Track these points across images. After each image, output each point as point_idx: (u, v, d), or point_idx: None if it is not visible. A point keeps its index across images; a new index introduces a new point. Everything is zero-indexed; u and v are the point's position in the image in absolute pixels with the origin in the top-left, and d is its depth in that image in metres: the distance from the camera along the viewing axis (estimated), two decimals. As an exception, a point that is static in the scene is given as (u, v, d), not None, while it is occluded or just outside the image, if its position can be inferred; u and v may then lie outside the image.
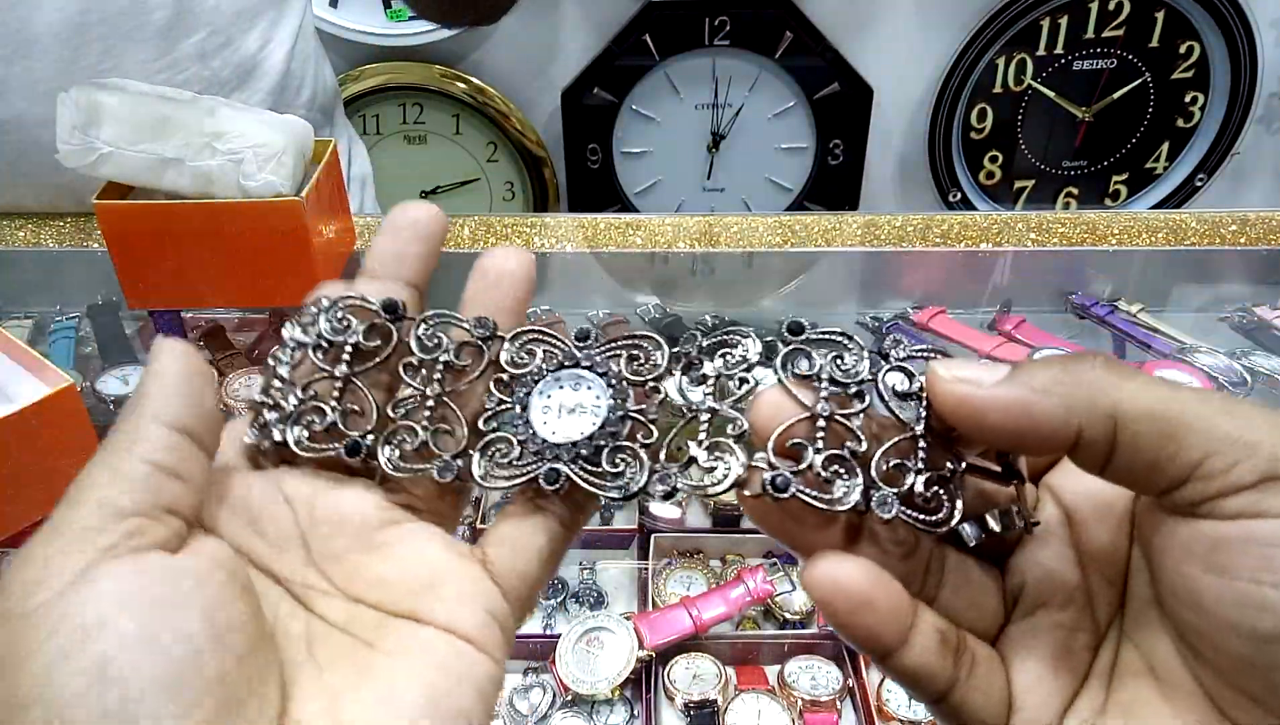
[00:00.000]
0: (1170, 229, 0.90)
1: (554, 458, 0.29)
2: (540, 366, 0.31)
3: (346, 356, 0.31)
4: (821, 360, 0.29)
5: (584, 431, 0.29)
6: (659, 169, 1.51)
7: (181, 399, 0.27)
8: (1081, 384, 0.24)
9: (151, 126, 0.64)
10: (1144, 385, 0.24)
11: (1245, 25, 1.40)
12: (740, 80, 1.45)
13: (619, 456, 0.29)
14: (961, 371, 0.26)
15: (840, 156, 1.50)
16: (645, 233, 0.92)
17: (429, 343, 0.31)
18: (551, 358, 0.31)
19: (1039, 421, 0.24)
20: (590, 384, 0.30)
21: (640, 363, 0.31)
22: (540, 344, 0.31)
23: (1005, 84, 1.47)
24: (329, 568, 0.29)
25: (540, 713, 0.78)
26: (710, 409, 0.30)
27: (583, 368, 0.30)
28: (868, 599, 0.26)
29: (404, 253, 0.33)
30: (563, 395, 0.30)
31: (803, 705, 0.78)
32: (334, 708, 0.26)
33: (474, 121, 1.49)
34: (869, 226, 0.91)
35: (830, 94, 1.45)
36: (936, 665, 0.27)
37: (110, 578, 0.24)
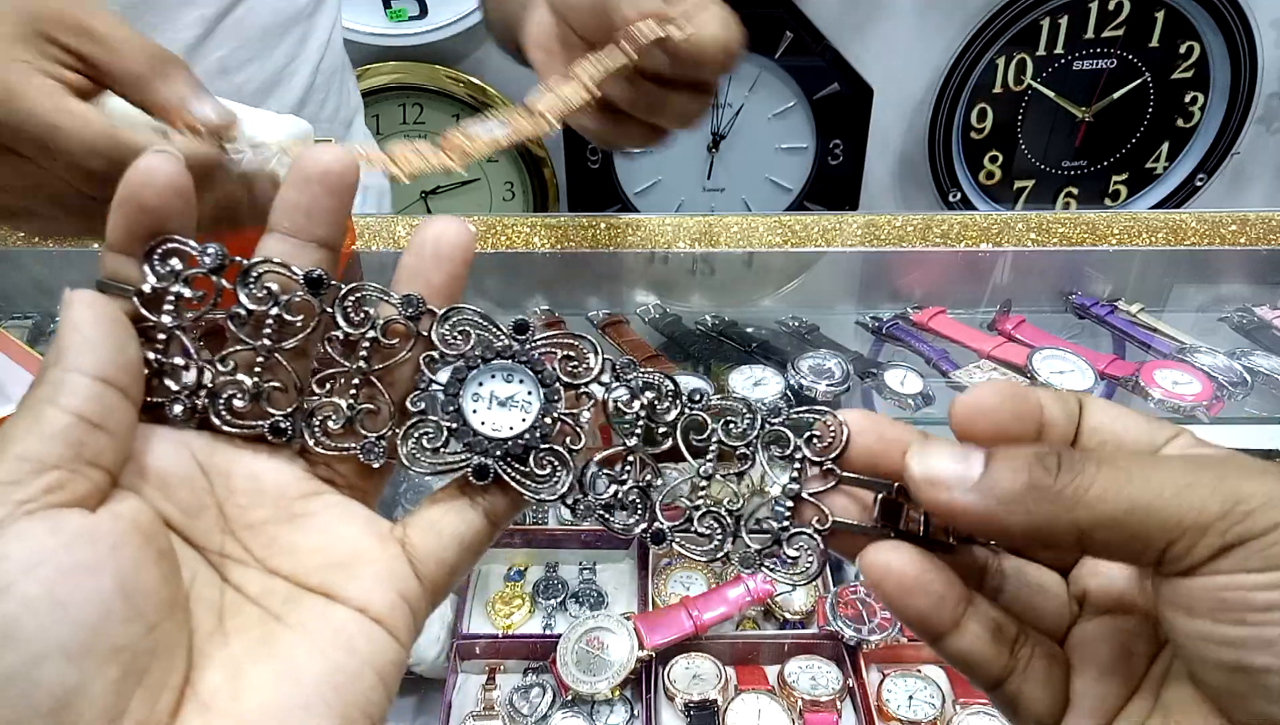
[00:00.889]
0: (1170, 229, 0.90)
1: (483, 452, 0.29)
2: (474, 353, 0.30)
3: (269, 329, 0.29)
4: (714, 425, 0.32)
5: (514, 427, 0.30)
6: (659, 169, 1.51)
7: (102, 349, 0.26)
8: (1043, 500, 0.25)
9: (152, 124, 0.64)
10: (1104, 488, 0.25)
11: (1245, 25, 1.40)
12: (740, 80, 1.45)
13: (547, 458, 0.30)
14: (934, 468, 0.27)
15: (840, 156, 1.50)
16: (645, 233, 0.92)
17: (355, 317, 0.30)
18: (487, 346, 0.30)
19: (1009, 531, 0.26)
20: (523, 378, 0.31)
21: (575, 364, 0.31)
22: (475, 328, 0.30)
23: (1005, 84, 1.47)
24: (246, 537, 0.28)
25: (540, 713, 0.78)
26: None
27: (518, 361, 0.30)
28: (916, 584, 0.28)
29: (313, 207, 0.30)
30: (494, 385, 0.30)
31: (803, 705, 0.78)
32: (235, 680, 0.26)
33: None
34: (869, 226, 0.91)
35: (830, 94, 1.45)
36: (989, 653, 0.29)
37: (21, 538, 0.23)
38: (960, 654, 0.29)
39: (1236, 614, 0.24)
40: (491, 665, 0.82)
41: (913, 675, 0.82)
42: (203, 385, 0.29)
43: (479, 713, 0.78)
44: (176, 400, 0.29)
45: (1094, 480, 0.25)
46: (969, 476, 0.26)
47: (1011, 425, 0.28)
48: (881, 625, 0.80)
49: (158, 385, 0.29)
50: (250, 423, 0.29)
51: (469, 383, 0.30)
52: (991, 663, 0.29)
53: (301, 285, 0.29)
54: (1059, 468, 0.25)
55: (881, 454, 0.30)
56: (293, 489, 0.29)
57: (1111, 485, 0.25)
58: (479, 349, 0.30)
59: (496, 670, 0.82)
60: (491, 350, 0.30)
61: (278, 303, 0.29)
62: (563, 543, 0.92)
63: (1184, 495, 0.24)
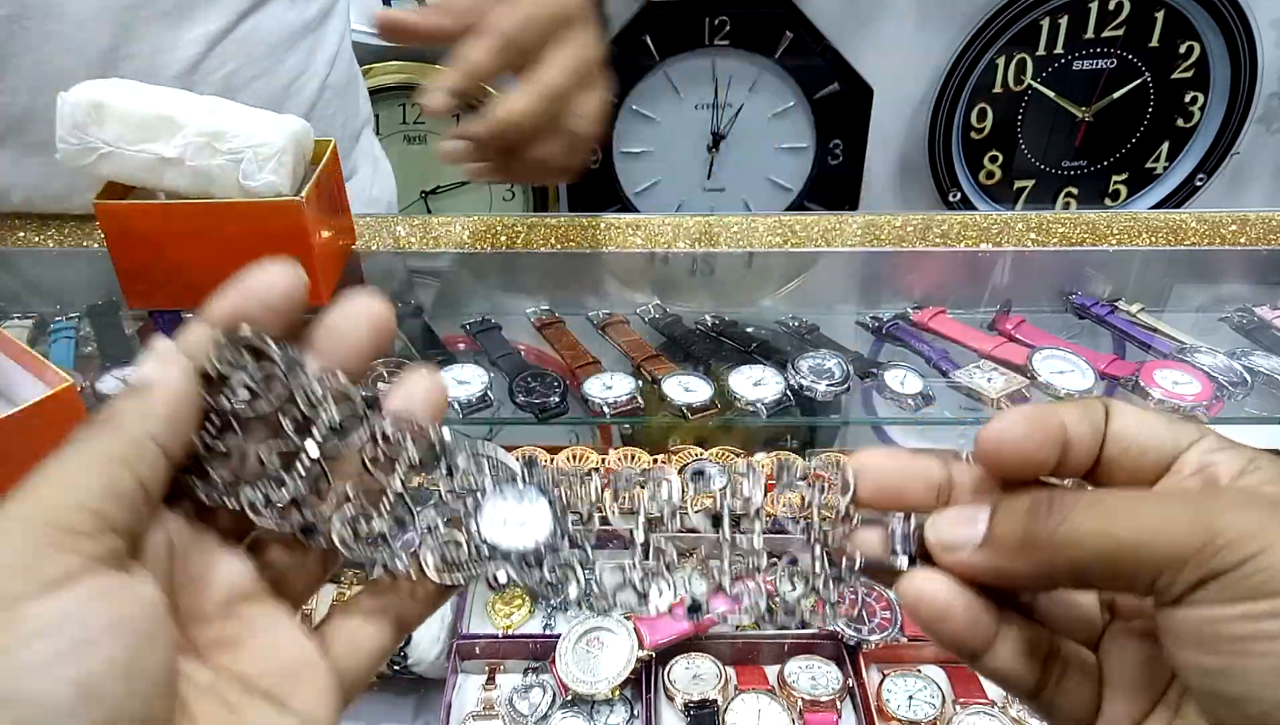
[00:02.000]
0: (1170, 229, 0.90)
1: (502, 559, 0.33)
2: (492, 479, 0.35)
3: (319, 437, 0.31)
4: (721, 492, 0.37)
5: (527, 544, 0.34)
6: (659, 169, 1.51)
7: (174, 420, 0.27)
8: (1040, 547, 0.27)
9: (152, 126, 0.64)
10: (1090, 529, 0.27)
11: (1245, 25, 1.40)
12: (740, 80, 1.45)
13: (559, 569, 0.34)
14: (944, 535, 0.30)
15: (840, 156, 1.50)
16: (645, 233, 0.92)
17: (394, 438, 0.33)
18: (506, 471, 0.35)
19: (1019, 580, 0.29)
20: (533, 500, 0.35)
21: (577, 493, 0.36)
22: (489, 461, 0.35)
23: (1005, 84, 1.47)
24: (193, 628, 0.29)
25: (540, 713, 0.78)
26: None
27: (530, 486, 0.35)
28: (947, 610, 0.30)
29: (352, 350, 0.32)
30: (508, 508, 0.34)
31: (803, 705, 0.78)
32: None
33: (474, 121, 1.49)
34: (869, 226, 0.91)
35: (830, 94, 1.45)
36: (1022, 670, 0.30)
37: (103, 596, 0.24)
38: (995, 671, 0.30)
39: (1213, 645, 0.25)
40: (491, 665, 0.82)
41: (913, 675, 0.82)
42: (243, 475, 0.30)
43: (479, 713, 0.78)
44: (210, 483, 0.30)
45: (1081, 523, 0.27)
46: (975, 537, 0.29)
47: (1036, 453, 0.29)
48: (881, 625, 0.80)
49: (194, 464, 0.30)
50: (283, 520, 0.31)
51: (489, 504, 0.34)
52: (1025, 678, 0.30)
53: (361, 409, 0.32)
54: (1050, 514, 0.27)
55: (903, 488, 0.32)
56: (241, 588, 0.30)
57: (1096, 526, 0.27)
58: (498, 475, 0.34)
59: (496, 670, 0.82)
60: (509, 474, 0.34)
61: (328, 422, 0.31)
62: (563, 543, 0.92)
63: (1162, 531, 0.25)
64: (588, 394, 0.76)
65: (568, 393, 0.77)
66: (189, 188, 0.65)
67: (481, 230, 0.92)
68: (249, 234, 0.66)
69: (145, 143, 0.63)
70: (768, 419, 0.75)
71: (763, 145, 1.50)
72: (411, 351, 0.85)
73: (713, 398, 0.76)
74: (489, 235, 0.92)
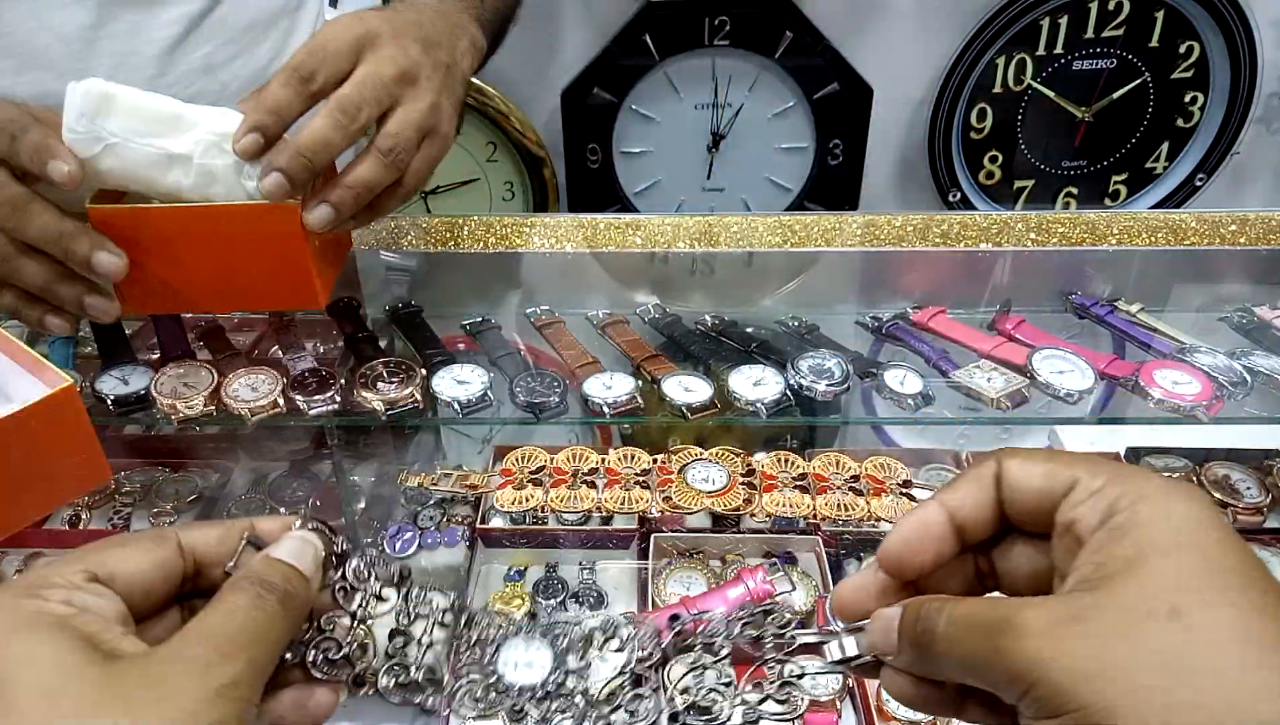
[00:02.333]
0: (1170, 229, 0.90)
1: (517, 695, 0.43)
2: (504, 632, 0.45)
3: (364, 605, 0.42)
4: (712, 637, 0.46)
5: (534, 680, 0.43)
6: (659, 169, 1.51)
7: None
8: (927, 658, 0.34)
9: (163, 121, 0.63)
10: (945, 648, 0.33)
11: (1245, 25, 1.40)
12: (740, 80, 1.45)
13: (560, 700, 0.43)
14: (880, 643, 0.37)
15: (840, 156, 1.50)
16: (645, 233, 0.92)
17: (416, 604, 0.43)
18: (513, 624, 0.45)
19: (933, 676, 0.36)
20: (539, 646, 0.44)
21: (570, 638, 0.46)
22: (498, 617, 0.46)
23: (1005, 84, 1.47)
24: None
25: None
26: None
27: (536, 636, 0.44)
28: (915, 699, 0.37)
29: None
30: (518, 653, 0.44)
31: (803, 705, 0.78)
32: None
33: (473, 121, 1.49)
34: (869, 226, 0.91)
35: (830, 94, 1.45)
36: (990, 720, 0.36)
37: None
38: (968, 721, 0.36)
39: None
40: (491, 665, 0.82)
41: (913, 675, 0.82)
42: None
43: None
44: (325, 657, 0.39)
45: (938, 647, 0.33)
46: (892, 648, 0.36)
47: (933, 552, 0.36)
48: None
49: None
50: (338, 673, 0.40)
51: (506, 650, 0.44)
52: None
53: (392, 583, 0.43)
54: (920, 630, 0.34)
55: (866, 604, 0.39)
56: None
57: (945, 653, 0.33)
58: (506, 629, 0.44)
59: (496, 670, 0.82)
60: (516, 627, 0.44)
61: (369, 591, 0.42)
62: (563, 542, 0.92)
63: (988, 664, 0.31)
64: (587, 394, 0.76)
65: (567, 392, 0.77)
66: (192, 187, 0.64)
67: (481, 230, 0.92)
68: (246, 237, 0.66)
69: (155, 137, 0.63)
70: (768, 419, 0.75)
71: (763, 145, 1.50)
72: (411, 351, 0.85)
73: (712, 398, 0.76)
74: (489, 235, 0.92)
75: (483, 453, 1.12)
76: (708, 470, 0.89)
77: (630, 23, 1.40)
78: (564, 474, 0.91)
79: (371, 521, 1.02)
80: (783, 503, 0.88)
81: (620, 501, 0.87)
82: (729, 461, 0.91)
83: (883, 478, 0.92)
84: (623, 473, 0.90)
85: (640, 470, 0.90)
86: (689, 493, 0.86)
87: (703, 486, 0.87)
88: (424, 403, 0.76)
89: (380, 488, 1.06)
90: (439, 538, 0.94)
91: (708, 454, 0.92)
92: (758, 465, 0.92)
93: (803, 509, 0.88)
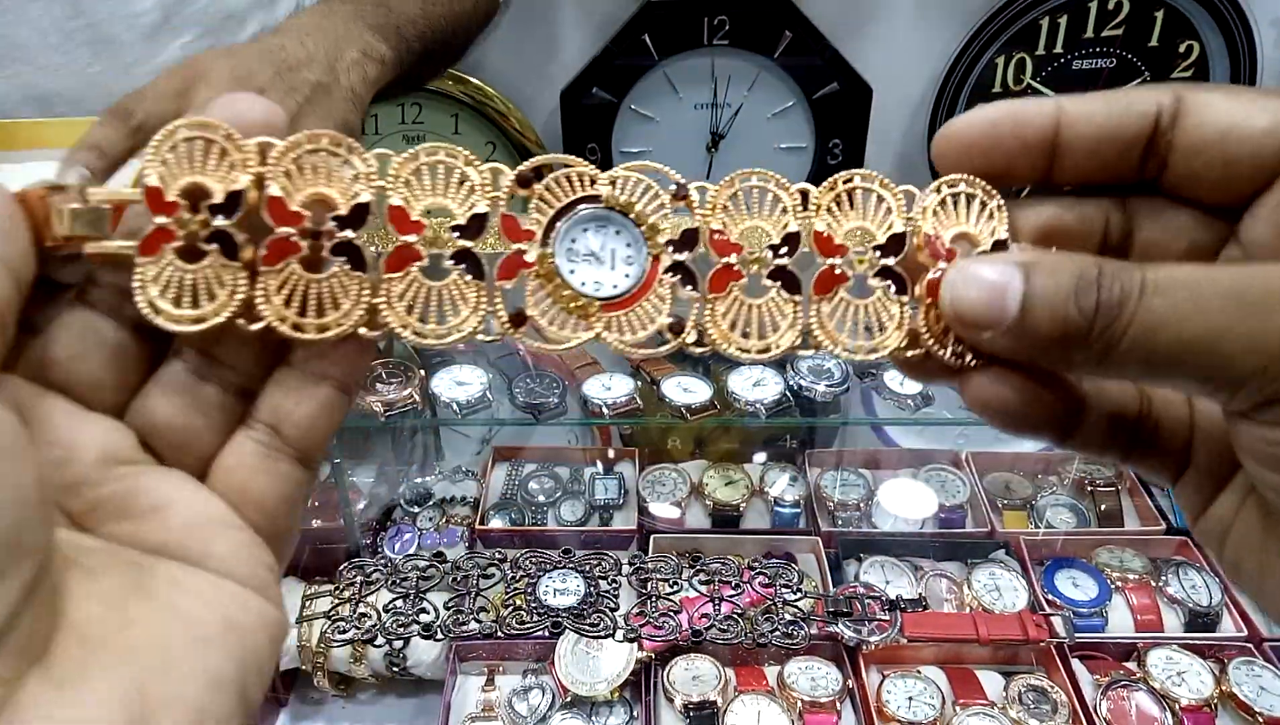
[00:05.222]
0: (1170, 229, 0.89)
1: (556, 615, 0.51)
2: (542, 566, 0.53)
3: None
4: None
5: (569, 604, 0.54)
6: (658, 169, 1.51)
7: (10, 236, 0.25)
8: (1078, 348, 0.24)
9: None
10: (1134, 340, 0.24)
11: (1245, 25, 1.40)
12: (739, 80, 1.45)
13: (594, 616, 0.52)
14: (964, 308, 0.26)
15: (840, 156, 1.50)
16: (644, 233, 0.91)
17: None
18: (547, 561, 0.53)
19: (1059, 369, 0.27)
20: (569, 577, 0.52)
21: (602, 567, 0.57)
22: (535, 555, 0.54)
23: (1005, 83, 1.47)
24: (64, 499, 0.26)
25: (539, 714, 0.77)
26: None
27: (567, 569, 0.52)
28: (1019, 414, 0.27)
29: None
30: (555, 582, 0.54)
31: (802, 706, 0.78)
32: (119, 612, 0.24)
33: (473, 121, 1.48)
34: (868, 226, 0.91)
35: (829, 93, 1.45)
36: (1108, 447, 0.28)
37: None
38: (1081, 450, 0.28)
39: (1274, 463, 0.24)
40: (490, 667, 0.82)
41: (912, 676, 0.82)
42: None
43: (478, 714, 0.78)
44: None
45: (1125, 331, 0.23)
46: (1004, 318, 0.24)
47: (1007, 160, 0.27)
48: (881, 626, 0.80)
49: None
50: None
51: (545, 578, 0.57)
52: (1111, 453, 0.29)
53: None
54: (1096, 309, 0.23)
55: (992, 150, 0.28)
56: (118, 451, 0.27)
57: (1141, 338, 0.23)
58: (540, 565, 0.59)
59: (496, 672, 0.82)
60: (550, 564, 0.58)
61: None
62: (562, 543, 0.92)
63: (1218, 347, 0.22)
64: (587, 394, 0.76)
65: (567, 393, 0.77)
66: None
67: (480, 230, 0.91)
68: None
69: None
70: (767, 419, 0.75)
71: (762, 145, 1.50)
72: (410, 352, 0.85)
73: (712, 398, 0.76)
74: (488, 235, 0.91)
75: (482, 453, 1.12)
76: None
77: (629, 22, 1.40)
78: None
79: (371, 522, 1.02)
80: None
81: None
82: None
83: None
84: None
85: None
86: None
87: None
88: (423, 404, 0.76)
89: (380, 488, 1.06)
90: (438, 538, 0.94)
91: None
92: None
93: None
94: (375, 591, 0.60)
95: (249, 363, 0.29)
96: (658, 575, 0.54)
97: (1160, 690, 0.85)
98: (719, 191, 0.31)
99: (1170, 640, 0.91)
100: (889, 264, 0.29)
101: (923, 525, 1.01)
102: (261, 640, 0.26)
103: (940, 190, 0.28)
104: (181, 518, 0.27)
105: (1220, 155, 0.25)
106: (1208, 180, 0.26)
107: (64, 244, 0.26)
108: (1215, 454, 0.28)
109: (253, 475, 0.28)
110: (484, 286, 0.30)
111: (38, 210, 0.26)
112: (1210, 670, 0.87)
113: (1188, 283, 0.23)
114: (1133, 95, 0.26)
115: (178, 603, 0.25)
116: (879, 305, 0.29)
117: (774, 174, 0.30)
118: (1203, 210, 0.27)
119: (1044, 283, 0.24)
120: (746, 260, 0.30)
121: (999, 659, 0.89)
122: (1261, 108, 0.25)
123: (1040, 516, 1.04)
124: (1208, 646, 0.91)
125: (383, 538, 0.97)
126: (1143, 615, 0.94)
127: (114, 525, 0.26)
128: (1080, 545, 1.00)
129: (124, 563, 0.25)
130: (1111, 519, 1.04)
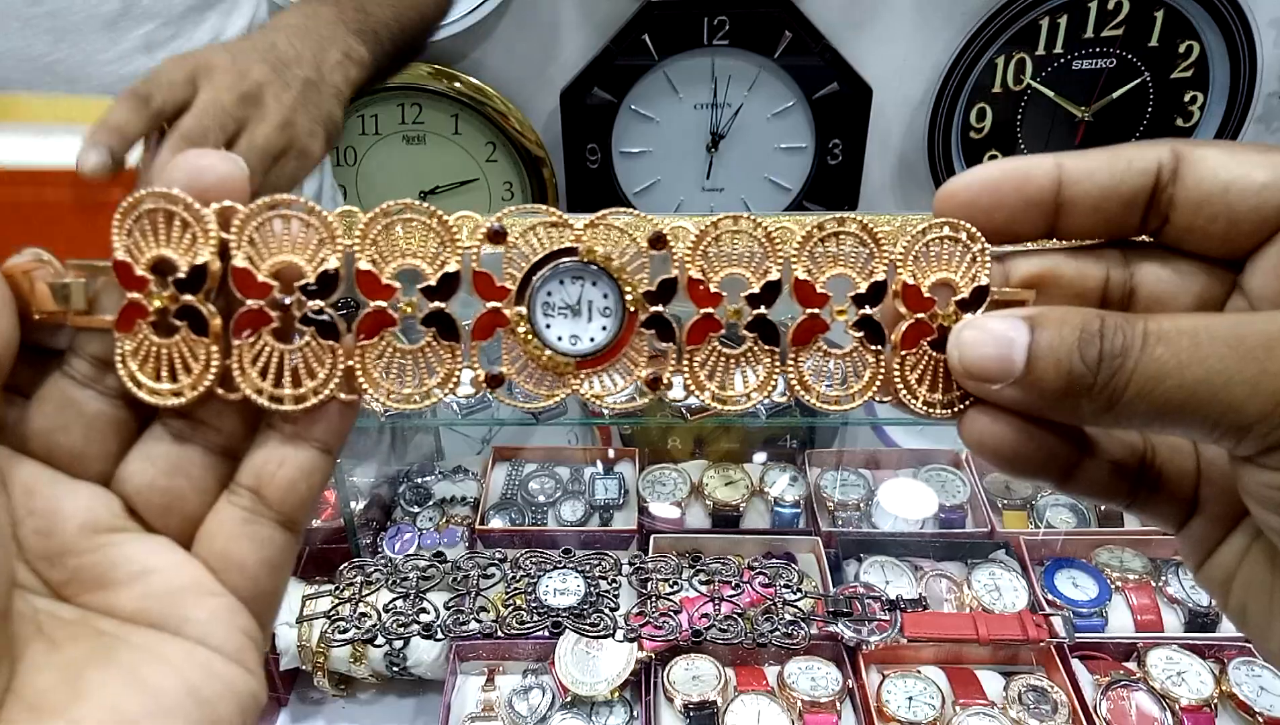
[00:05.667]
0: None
1: (556, 615, 0.51)
2: (542, 566, 0.54)
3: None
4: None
5: (569, 604, 0.54)
6: (658, 169, 1.51)
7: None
8: (1084, 399, 0.25)
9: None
10: (1139, 388, 0.24)
11: (1245, 25, 1.40)
12: (739, 80, 1.45)
13: (595, 616, 0.52)
14: (971, 362, 0.26)
15: (839, 156, 1.50)
16: (644, 233, 0.91)
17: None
18: (548, 561, 0.53)
19: (1066, 421, 0.27)
20: (569, 577, 0.53)
21: (602, 567, 0.57)
22: (535, 555, 0.55)
23: (1005, 84, 1.47)
24: (43, 568, 0.26)
25: (539, 714, 0.78)
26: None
27: (567, 569, 0.53)
28: (1014, 453, 0.26)
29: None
30: (555, 582, 0.55)
31: (802, 706, 0.78)
32: (73, 683, 0.24)
33: (473, 121, 1.49)
34: (868, 226, 0.91)
35: (829, 94, 1.45)
36: (1110, 490, 0.28)
37: None
38: (1080, 495, 0.29)
39: (1276, 507, 0.24)
40: (490, 667, 0.82)
41: (912, 676, 0.82)
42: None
43: (478, 714, 0.78)
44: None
45: (1128, 381, 0.24)
46: (1011, 371, 0.25)
47: (1006, 218, 0.27)
48: (881, 626, 0.80)
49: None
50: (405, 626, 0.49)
51: (545, 579, 0.57)
52: (1113, 497, 0.28)
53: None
54: (1100, 360, 0.24)
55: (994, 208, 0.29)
56: (100, 520, 0.27)
57: (1145, 387, 0.24)
58: (540, 565, 0.58)
59: (496, 672, 0.82)
60: (551, 564, 0.60)
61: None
62: (562, 543, 0.92)
63: (1222, 394, 0.23)
64: (587, 395, 0.76)
65: (567, 393, 0.77)
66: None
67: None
68: (78, 207, 0.60)
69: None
70: (767, 419, 0.75)
71: (762, 145, 1.50)
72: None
73: (712, 398, 0.76)
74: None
75: (482, 453, 1.12)
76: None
77: (629, 23, 1.40)
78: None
79: (371, 521, 1.02)
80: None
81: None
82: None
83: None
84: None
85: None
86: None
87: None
88: (423, 403, 0.76)
89: (380, 488, 1.06)
90: (438, 538, 0.94)
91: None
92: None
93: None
94: (375, 591, 0.60)
95: (232, 423, 0.29)
96: (658, 575, 0.55)
97: (1160, 690, 0.86)
98: (698, 239, 0.30)
99: (1170, 640, 0.91)
100: (868, 313, 0.29)
101: (923, 525, 1.01)
102: (229, 710, 0.26)
103: (926, 233, 0.29)
104: (160, 585, 0.27)
105: (1222, 210, 0.26)
106: (1209, 234, 0.26)
107: (49, 317, 0.26)
108: (1222, 500, 0.28)
109: (234, 541, 0.28)
110: (459, 347, 0.29)
111: (22, 284, 0.26)
112: (1210, 670, 0.88)
113: (1189, 331, 0.23)
114: (1132, 152, 0.27)
115: (142, 673, 0.25)
116: (855, 355, 0.29)
117: (759, 218, 0.30)
118: (1206, 262, 0.27)
119: (1049, 336, 0.25)
120: (726, 311, 0.30)
121: (999, 659, 0.89)
122: (1258, 162, 0.25)
123: (1040, 516, 1.04)
124: (1208, 646, 0.91)
125: (383, 538, 0.97)
126: (1143, 615, 0.94)
127: (91, 595, 0.26)
128: (1080, 545, 1.00)
129: (93, 632, 0.26)
130: (1111, 519, 1.05)
